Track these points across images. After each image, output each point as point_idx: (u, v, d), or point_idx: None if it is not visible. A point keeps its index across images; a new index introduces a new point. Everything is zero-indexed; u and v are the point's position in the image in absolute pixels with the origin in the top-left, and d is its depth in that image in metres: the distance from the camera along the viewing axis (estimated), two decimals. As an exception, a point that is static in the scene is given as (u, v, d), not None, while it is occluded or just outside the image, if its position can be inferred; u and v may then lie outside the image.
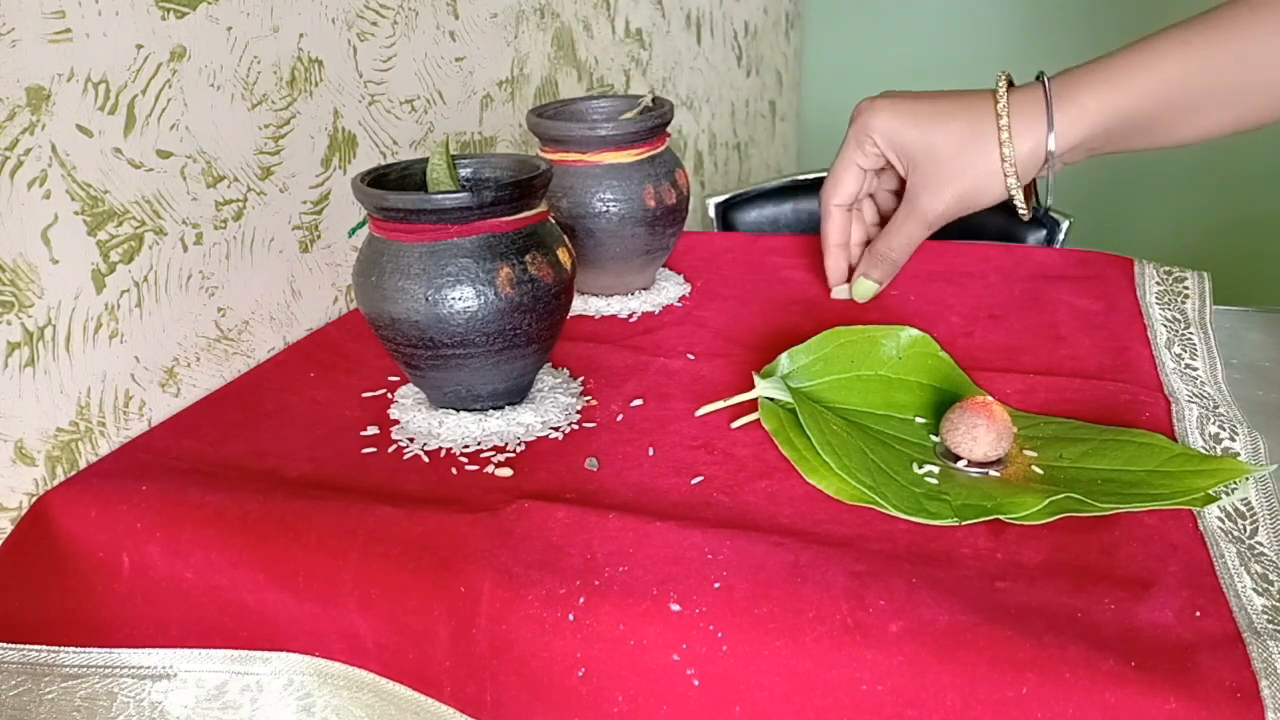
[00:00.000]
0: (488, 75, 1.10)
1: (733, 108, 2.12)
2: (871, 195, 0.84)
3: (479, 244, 0.63)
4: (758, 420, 0.64)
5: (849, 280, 0.84)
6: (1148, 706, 0.42)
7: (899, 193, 0.81)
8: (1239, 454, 0.60)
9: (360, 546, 0.54)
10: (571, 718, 0.49)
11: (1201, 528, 0.53)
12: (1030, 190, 0.75)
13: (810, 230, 1.44)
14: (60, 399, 0.64)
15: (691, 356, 0.76)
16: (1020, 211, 0.74)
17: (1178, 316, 0.81)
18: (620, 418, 0.67)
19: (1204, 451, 0.60)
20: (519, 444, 0.65)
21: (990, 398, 0.59)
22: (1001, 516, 0.53)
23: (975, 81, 0.74)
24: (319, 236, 0.87)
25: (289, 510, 0.57)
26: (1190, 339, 0.77)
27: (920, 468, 0.59)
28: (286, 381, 0.75)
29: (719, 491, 0.58)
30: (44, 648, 0.58)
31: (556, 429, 0.66)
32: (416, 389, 0.70)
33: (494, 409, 0.67)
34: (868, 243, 0.84)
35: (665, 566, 0.51)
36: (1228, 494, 0.55)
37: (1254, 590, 0.48)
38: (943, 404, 0.62)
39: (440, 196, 0.61)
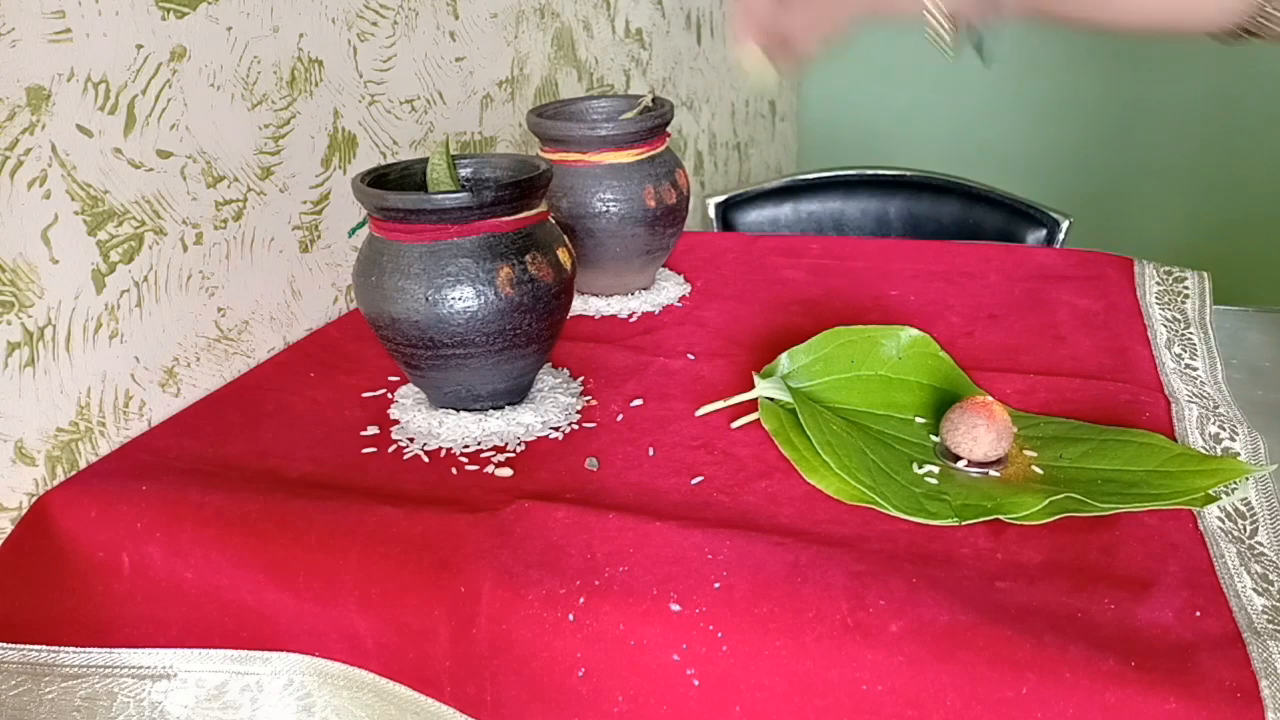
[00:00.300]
0: (488, 75, 1.10)
1: (733, 108, 2.12)
2: None
3: (479, 244, 0.63)
4: (758, 420, 0.64)
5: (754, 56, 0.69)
6: (1148, 706, 0.42)
7: None
8: (1239, 454, 0.60)
9: (360, 546, 0.54)
10: (571, 718, 0.49)
11: (1201, 528, 0.53)
12: (959, 29, 0.65)
13: (810, 230, 1.44)
14: (60, 399, 0.64)
15: (691, 356, 0.76)
16: (942, 42, 0.64)
17: (1178, 316, 0.81)
18: (620, 418, 0.67)
19: (1204, 451, 0.60)
20: (519, 444, 0.65)
21: (990, 398, 0.59)
22: (1001, 516, 0.53)
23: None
24: (319, 236, 0.87)
25: (289, 510, 0.57)
26: (1190, 339, 0.77)
27: (920, 468, 0.59)
28: (286, 381, 0.75)
29: (719, 491, 0.58)
30: (44, 648, 0.58)
31: (556, 429, 0.66)
32: (416, 389, 0.70)
33: (494, 409, 0.67)
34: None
35: (665, 566, 0.51)
36: (1228, 494, 0.55)
37: (1254, 590, 0.48)
38: (943, 404, 0.62)
39: (440, 196, 0.61)
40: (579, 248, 0.83)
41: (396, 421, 0.68)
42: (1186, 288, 0.85)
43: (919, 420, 0.64)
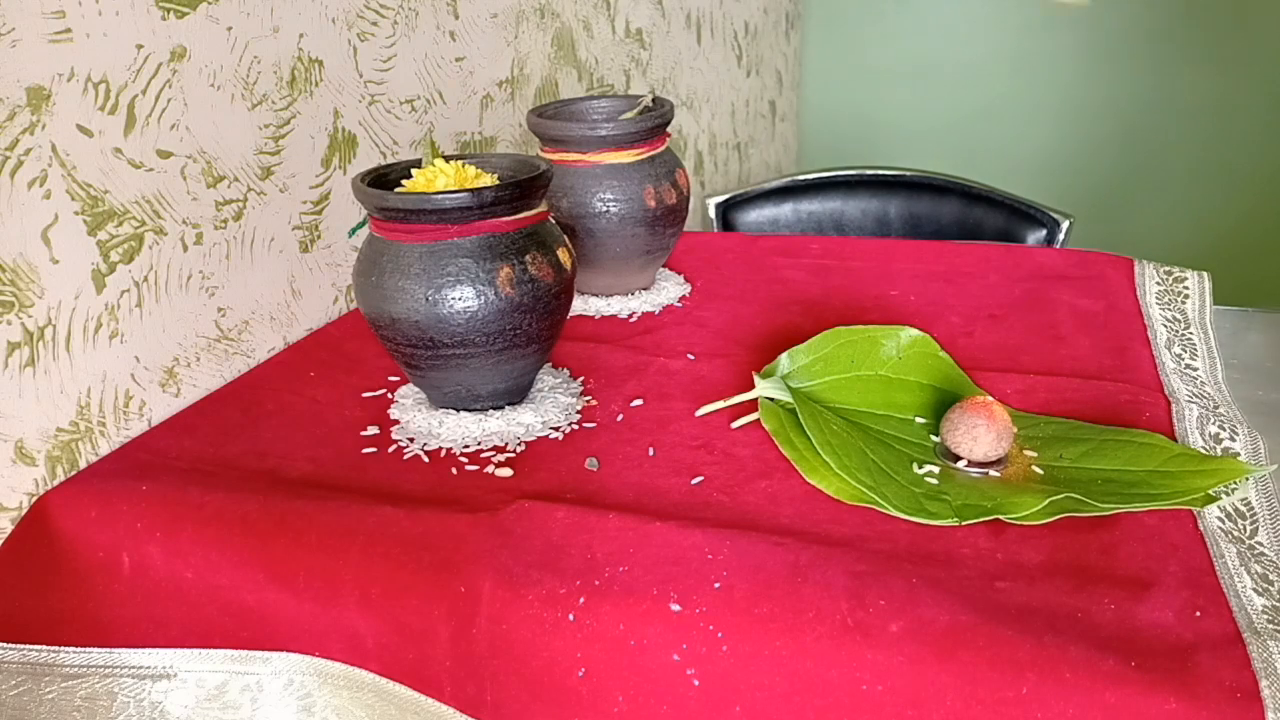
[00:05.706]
0: (488, 75, 1.10)
1: (733, 108, 2.12)
2: None
3: (479, 244, 0.63)
4: (758, 420, 0.64)
5: None
6: (1148, 706, 0.42)
7: None
8: (1239, 454, 0.60)
9: (360, 546, 0.54)
10: (571, 718, 0.49)
11: (1201, 528, 0.53)
12: None
13: (810, 230, 1.44)
14: (60, 399, 0.64)
15: (691, 356, 0.76)
16: None
17: (1178, 316, 0.81)
18: (620, 418, 0.67)
19: (1204, 451, 0.60)
20: (519, 444, 0.65)
21: (990, 398, 0.59)
22: (1001, 516, 0.53)
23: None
24: (319, 236, 0.87)
25: (289, 510, 0.57)
26: (1190, 339, 0.77)
27: (920, 468, 0.59)
28: (286, 381, 0.75)
29: (719, 491, 0.58)
30: (44, 648, 0.58)
31: (556, 429, 0.66)
32: (416, 389, 0.70)
33: (494, 409, 0.67)
34: None
35: (665, 566, 0.51)
36: (1228, 494, 0.55)
37: (1254, 590, 0.48)
38: (943, 404, 0.62)
39: (440, 196, 0.61)
40: (579, 248, 0.83)
41: (396, 421, 0.68)
42: (1186, 288, 0.85)
43: (919, 420, 0.64)
